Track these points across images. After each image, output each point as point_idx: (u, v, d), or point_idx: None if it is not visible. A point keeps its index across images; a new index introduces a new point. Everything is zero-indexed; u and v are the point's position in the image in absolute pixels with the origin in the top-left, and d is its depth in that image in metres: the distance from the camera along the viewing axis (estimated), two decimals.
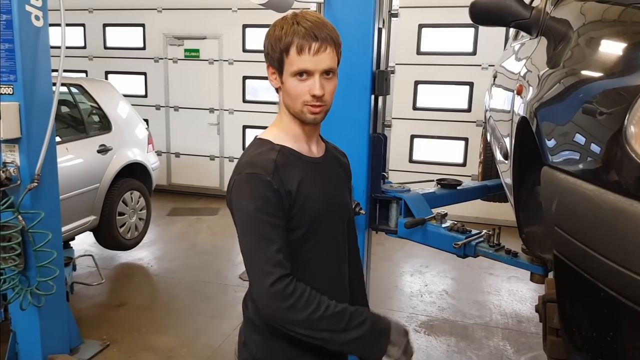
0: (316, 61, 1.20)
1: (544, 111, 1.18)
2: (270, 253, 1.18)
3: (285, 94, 1.28)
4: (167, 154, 7.14)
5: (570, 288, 0.95)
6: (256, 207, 1.20)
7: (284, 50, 1.22)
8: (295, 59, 1.21)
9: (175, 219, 6.04)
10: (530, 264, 1.93)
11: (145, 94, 7.13)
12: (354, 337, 1.21)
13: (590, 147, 0.90)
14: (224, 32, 6.61)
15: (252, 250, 1.22)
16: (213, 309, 3.76)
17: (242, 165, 1.27)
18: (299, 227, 1.27)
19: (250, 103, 6.66)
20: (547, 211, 1.00)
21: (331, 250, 1.38)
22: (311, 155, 1.35)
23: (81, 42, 7.33)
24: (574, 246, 0.89)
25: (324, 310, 1.18)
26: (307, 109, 1.25)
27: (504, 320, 3.79)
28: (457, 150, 6.09)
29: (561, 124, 1.03)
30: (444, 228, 2.22)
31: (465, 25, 5.74)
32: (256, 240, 1.21)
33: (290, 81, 1.24)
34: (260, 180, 1.21)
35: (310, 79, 1.22)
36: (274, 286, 1.16)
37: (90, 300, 3.91)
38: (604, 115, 0.88)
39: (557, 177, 0.97)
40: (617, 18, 1.25)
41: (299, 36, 1.20)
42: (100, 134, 4.51)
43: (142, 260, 4.76)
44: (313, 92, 1.22)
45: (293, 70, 1.22)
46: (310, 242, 1.31)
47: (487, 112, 3.54)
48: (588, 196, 0.85)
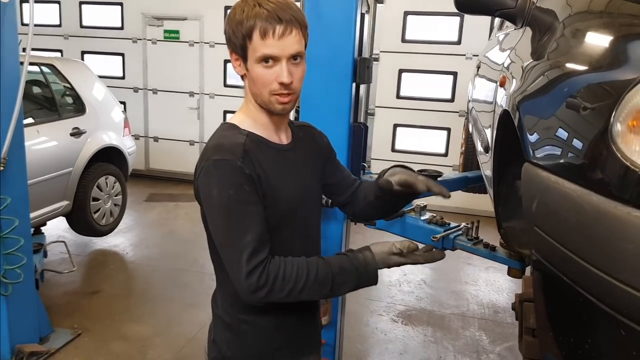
0: (282, 45, 1.13)
1: (526, 104, 1.13)
2: (244, 244, 1.13)
3: (251, 82, 1.20)
4: (145, 138, 6.99)
5: (548, 290, 0.91)
6: (228, 197, 1.14)
7: (247, 35, 1.14)
8: (259, 44, 1.13)
9: (153, 205, 5.93)
10: (508, 258, 1.91)
11: (122, 76, 6.95)
12: (341, 294, 1.23)
13: (574, 144, 0.85)
14: (205, 13, 6.45)
15: (226, 242, 1.17)
16: (189, 298, 3.70)
17: (209, 150, 1.19)
18: (271, 218, 1.22)
19: (232, 87, 6.54)
20: (527, 210, 0.96)
21: (305, 240, 1.33)
22: (280, 142, 1.29)
23: (56, 20, 7.09)
24: (553, 248, 0.85)
25: (303, 283, 1.15)
26: (275, 98, 1.18)
27: (481, 311, 3.81)
28: (439, 140, 6.08)
29: (544, 119, 0.99)
30: (423, 220, 2.18)
31: (451, 14, 5.69)
32: (230, 231, 1.15)
33: (255, 68, 1.16)
34: (230, 166, 1.15)
35: (277, 65, 1.15)
36: (249, 278, 1.12)
37: (62, 287, 3.81)
38: (588, 111, 0.84)
39: (539, 174, 0.93)
40: (604, 9, 1.21)
41: (261, 19, 1.12)
42: (73, 117, 4.37)
43: (117, 247, 4.67)
44: (281, 80, 1.15)
45: (257, 56, 1.14)
46: (283, 232, 1.26)
47: (469, 103, 3.50)
48: (570, 196, 0.81)
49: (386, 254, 1.23)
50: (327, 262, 1.20)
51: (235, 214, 1.14)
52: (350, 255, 1.22)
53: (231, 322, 1.29)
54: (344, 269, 1.19)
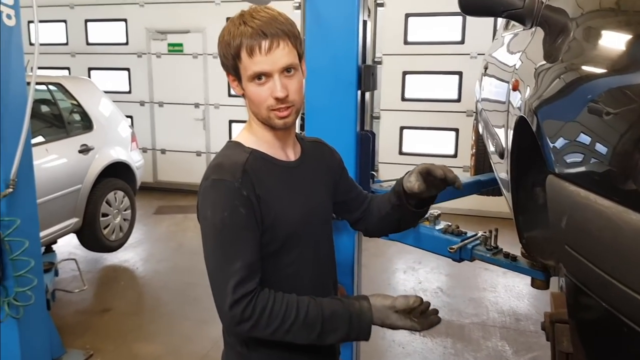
0: (271, 60, 1.10)
1: (545, 111, 1.06)
2: (232, 272, 1.07)
3: (249, 101, 1.17)
4: (152, 150, 6.98)
5: (584, 313, 0.84)
6: (221, 219, 1.09)
7: (235, 56, 1.12)
8: (248, 62, 1.10)
9: (162, 218, 5.90)
10: (531, 268, 1.83)
11: (129, 90, 6.96)
12: (329, 342, 1.13)
13: (606, 156, 0.78)
14: (208, 25, 6.44)
15: (214, 267, 1.11)
16: (201, 313, 3.64)
17: (209, 169, 1.16)
18: (274, 240, 1.16)
19: (236, 97, 6.47)
20: (556, 226, 0.89)
21: (314, 262, 1.26)
22: (287, 159, 1.24)
23: (63, 39, 7.13)
24: (588, 270, 0.79)
25: (290, 324, 1.09)
26: (273, 114, 1.14)
27: (502, 319, 3.70)
28: (447, 141, 5.99)
29: (567, 127, 0.92)
30: (438, 230, 2.11)
31: (453, 14, 5.63)
32: (219, 256, 1.10)
33: (249, 87, 1.13)
34: (226, 187, 1.10)
35: (270, 81, 1.12)
36: (232, 309, 1.06)
37: (74, 306, 3.78)
38: (621, 119, 0.77)
39: (566, 188, 0.86)
40: (618, 7, 1.14)
41: (246, 37, 1.09)
42: (81, 134, 4.36)
43: (127, 262, 4.64)
44: (275, 95, 1.11)
45: (249, 74, 1.12)
46: (288, 255, 1.19)
47: (478, 103, 3.43)
48: (605, 214, 0.74)
49: (385, 309, 1.14)
50: (319, 304, 1.13)
51: (226, 238, 1.09)
52: (345, 302, 1.16)
53: (242, 352, 1.23)
54: (336, 314, 1.12)
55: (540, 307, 3.82)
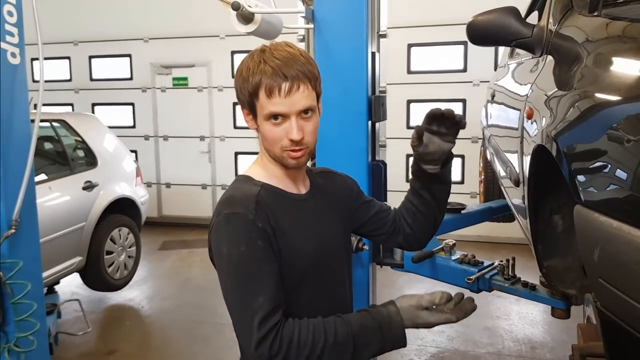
0: (290, 103, 1.08)
1: (567, 139, 1.03)
2: (256, 308, 1.03)
3: (263, 138, 1.15)
4: (157, 184, 6.97)
5: (625, 351, 0.80)
6: (239, 254, 1.06)
7: (253, 94, 1.10)
8: (266, 102, 1.09)
9: (167, 253, 5.84)
10: (551, 297, 1.78)
11: (133, 125, 6.99)
12: (366, 356, 1.07)
13: (638, 185, 0.75)
14: (213, 59, 6.52)
15: (236, 305, 1.07)
16: (209, 352, 3.55)
17: (221, 204, 1.13)
18: (289, 277, 1.12)
19: (243, 129, 6.53)
20: (588, 259, 0.85)
21: (330, 299, 1.21)
22: (297, 192, 1.21)
23: (67, 75, 7.21)
24: (626, 304, 0.74)
25: (321, 349, 1.03)
26: (287, 154, 1.13)
27: (517, 347, 3.60)
28: (454, 167, 5.91)
29: (595, 156, 0.89)
30: (454, 260, 2.07)
31: (454, 43, 5.69)
32: (240, 293, 1.06)
33: (264, 125, 1.12)
34: (241, 220, 1.07)
35: (287, 122, 1.10)
36: (260, 347, 1.01)
37: (77, 349, 3.68)
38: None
39: (596, 220, 0.83)
40: (627, 34, 1.13)
41: (266, 77, 1.07)
42: (85, 170, 4.34)
43: (132, 300, 4.55)
44: (290, 137, 1.10)
45: (265, 114, 1.10)
46: (304, 292, 1.15)
47: (485, 130, 3.42)
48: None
49: (414, 308, 1.11)
50: (346, 320, 1.08)
51: (246, 273, 1.05)
52: (372, 311, 1.11)
53: None
54: (366, 327, 1.07)
55: (556, 335, 3.74)
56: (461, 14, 4.97)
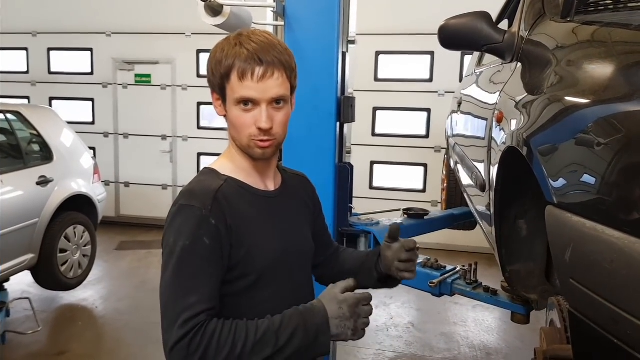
0: (262, 89, 1.05)
1: (540, 140, 1.05)
2: (185, 305, 0.99)
3: (230, 125, 1.12)
4: (115, 183, 6.76)
5: (594, 353, 0.80)
6: (183, 247, 1.02)
7: (225, 75, 1.07)
8: (237, 85, 1.06)
9: (124, 254, 5.66)
10: (512, 303, 1.81)
11: (92, 121, 6.77)
12: (289, 353, 1.01)
13: (612, 185, 0.76)
14: (177, 57, 6.39)
15: (167, 297, 1.02)
16: (164, 355, 3.45)
17: (180, 195, 1.09)
18: (247, 275, 1.08)
19: (206, 130, 6.42)
20: (559, 259, 0.85)
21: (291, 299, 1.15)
22: (265, 189, 1.17)
23: (24, 67, 6.92)
24: (597, 305, 0.75)
25: (242, 346, 0.99)
26: (254, 143, 1.09)
27: (473, 353, 3.66)
28: (416, 176, 6.04)
29: (569, 157, 0.90)
30: (418, 264, 2.07)
31: (422, 53, 5.78)
32: (174, 286, 1.01)
33: (233, 110, 1.08)
34: (193, 214, 1.03)
35: (256, 109, 1.07)
36: (177, 344, 0.96)
37: (26, 348, 3.50)
38: (628, 146, 0.75)
39: (569, 220, 0.83)
40: (595, 39, 1.16)
41: (240, 59, 1.05)
42: (40, 165, 4.17)
43: (86, 300, 4.38)
44: (259, 125, 1.07)
45: (235, 98, 1.07)
46: (264, 291, 1.11)
47: (450, 139, 3.47)
48: (617, 246, 0.71)
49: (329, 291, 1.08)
50: (271, 318, 1.05)
51: (185, 269, 1.01)
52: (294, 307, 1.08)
53: None
54: (286, 316, 1.04)
55: (510, 342, 3.83)
56: (429, 24, 5.07)
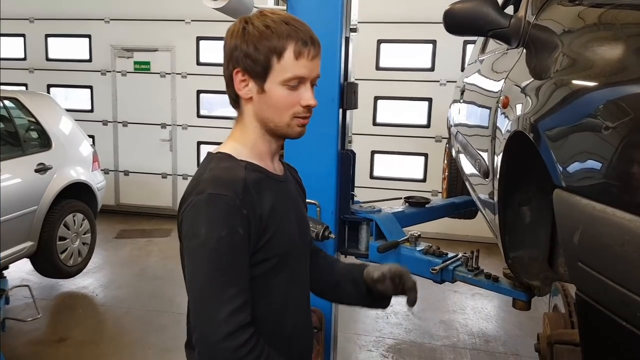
0: (311, 67, 1.07)
1: (548, 123, 1.03)
2: (227, 297, 0.97)
3: (266, 106, 1.08)
4: (115, 172, 6.74)
5: (603, 337, 0.79)
6: (218, 238, 0.98)
7: (274, 54, 1.04)
8: (292, 64, 1.04)
9: (123, 242, 5.66)
10: (513, 289, 1.80)
11: (91, 109, 6.73)
12: None
13: (623, 167, 0.75)
14: (177, 44, 6.34)
15: (204, 291, 0.99)
16: (165, 342, 3.46)
17: (204, 182, 1.04)
18: (268, 259, 1.07)
19: (205, 118, 6.40)
20: (567, 243, 0.85)
21: (300, 282, 1.19)
22: (276, 173, 1.16)
23: (21, 54, 6.87)
24: (608, 288, 0.74)
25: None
26: (296, 121, 1.09)
27: (472, 340, 3.68)
28: (417, 165, 6.03)
29: (578, 140, 0.88)
30: (419, 251, 2.07)
31: (424, 41, 5.74)
32: (212, 279, 0.99)
33: (278, 90, 1.06)
34: (226, 204, 1.00)
35: (301, 88, 1.07)
36: (227, 341, 0.95)
37: (26, 336, 3.51)
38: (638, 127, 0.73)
39: (578, 203, 0.82)
40: (603, 21, 1.14)
41: (297, 37, 1.04)
42: (38, 152, 4.16)
43: (86, 288, 4.38)
44: (308, 102, 1.07)
45: (287, 77, 1.05)
46: (280, 275, 1.11)
47: (452, 128, 3.45)
48: (628, 229, 0.70)
49: None
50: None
51: (222, 260, 0.99)
52: None
53: None
54: None
55: (509, 329, 3.85)
56: (432, 12, 5.04)
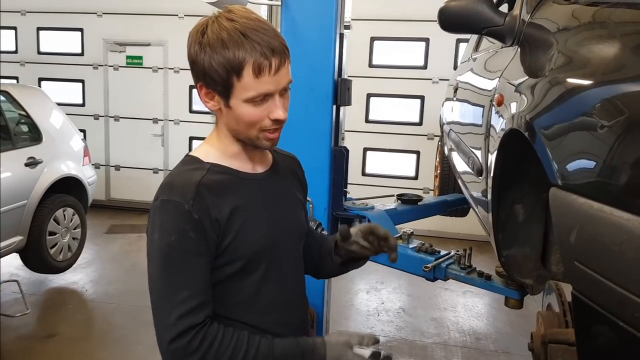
0: (277, 80, 0.99)
1: (544, 121, 1.03)
2: (177, 301, 0.97)
3: (234, 120, 1.04)
4: (106, 166, 6.69)
5: (599, 337, 0.79)
6: (168, 244, 0.98)
7: (232, 72, 0.97)
8: (252, 82, 0.97)
9: (114, 237, 5.62)
10: (506, 287, 1.81)
11: (82, 103, 6.67)
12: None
13: (620, 165, 0.74)
14: (170, 38, 6.29)
15: (158, 295, 1.00)
16: (154, 338, 3.42)
17: (160, 188, 1.04)
18: (235, 261, 1.06)
19: (198, 113, 6.35)
20: (563, 242, 0.84)
21: (283, 280, 1.15)
22: (253, 172, 1.12)
23: (12, 47, 6.79)
24: (605, 288, 0.74)
25: None
26: (264, 135, 1.04)
27: (462, 338, 3.70)
28: (409, 163, 6.04)
29: (574, 138, 0.88)
30: (412, 249, 2.06)
31: (416, 39, 5.74)
32: (164, 284, 0.99)
33: (241, 107, 1.01)
34: (175, 209, 0.99)
35: (269, 101, 1.00)
36: (175, 342, 0.96)
37: (15, 331, 3.48)
38: (636, 126, 0.73)
39: (575, 201, 0.82)
40: (605, 20, 1.14)
41: (254, 52, 0.96)
42: (29, 146, 4.12)
43: (75, 284, 4.35)
44: (275, 116, 1.01)
45: (249, 96, 0.99)
46: (252, 276, 1.09)
47: (445, 126, 3.45)
48: (626, 228, 0.70)
49: (341, 345, 1.05)
50: (271, 342, 1.03)
51: (172, 265, 0.99)
52: (299, 339, 1.07)
53: None
54: (288, 352, 1.03)
55: (499, 327, 3.87)
56: (425, 10, 5.04)
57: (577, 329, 0.84)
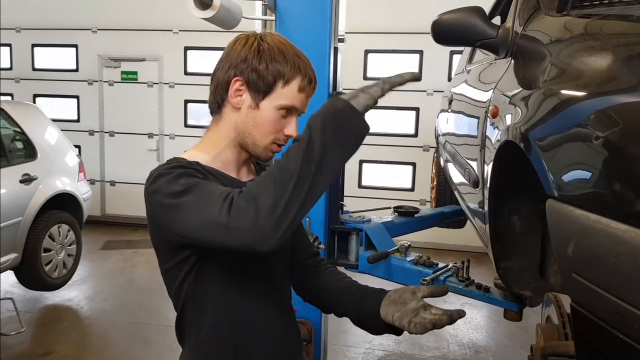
0: (305, 103, 1.11)
1: (539, 133, 1.03)
2: (216, 197, 0.92)
3: (253, 122, 1.09)
4: (101, 182, 6.67)
5: (599, 349, 0.78)
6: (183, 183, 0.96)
7: (282, 78, 1.06)
8: (293, 94, 1.07)
9: (109, 253, 5.58)
10: (504, 300, 1.79)
11: (77, 119, 6.67)
12: (331, 146, 0.93)
13: (617, 176, 0.74)
14: (165, 54, 6.32)
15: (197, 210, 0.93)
16: (152, 355, 3.40)
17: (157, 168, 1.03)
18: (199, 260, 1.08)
19: (193, 128, 6.36)
20: (561, 254, 0.84)
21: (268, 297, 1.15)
22: (238, 178, 1.15)
23: (7, 64, 6.80)
24: (603, 300, 0.73)
25: (280, 175, 0.89)
26: (273, 147, 1.12)
27: (462, 351, 3.66)
28: (405, 175, 6.05)
29: (570, 149, 0.88)
30: (409, 262, 2.06)
31: (411, 52, 5.78)
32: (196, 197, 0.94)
33: (270, 112, 1.08)
34: (185, 167, 1.02)
35: (290, 118, 1.10)
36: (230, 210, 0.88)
37: (10, 350, 3.43)
38: (632, 137, 0.73)
39: (571, 213, 0.81)
40: (598, 32, 1.15)
41: (304, 74, 1.08)
42: (24, 162, 4.10)
43: (71, 301, 4.30)
44: (289, 133, 1.10)
45: (284, 103, 1.07)
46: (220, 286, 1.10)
47: (440, 137, 3.46)
48: (623, 239, 0.69)
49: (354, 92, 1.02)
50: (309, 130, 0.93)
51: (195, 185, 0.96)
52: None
53: None
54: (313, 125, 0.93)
55: (499, 339, 3.84)
56: (419, 23, 5.08)
57: (576, 342, 0.84)
